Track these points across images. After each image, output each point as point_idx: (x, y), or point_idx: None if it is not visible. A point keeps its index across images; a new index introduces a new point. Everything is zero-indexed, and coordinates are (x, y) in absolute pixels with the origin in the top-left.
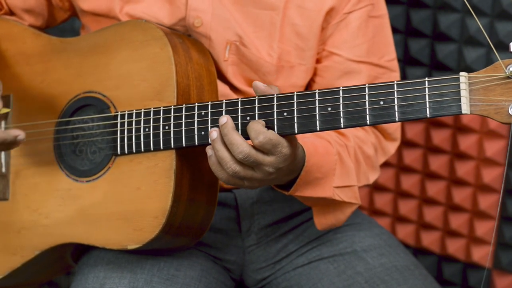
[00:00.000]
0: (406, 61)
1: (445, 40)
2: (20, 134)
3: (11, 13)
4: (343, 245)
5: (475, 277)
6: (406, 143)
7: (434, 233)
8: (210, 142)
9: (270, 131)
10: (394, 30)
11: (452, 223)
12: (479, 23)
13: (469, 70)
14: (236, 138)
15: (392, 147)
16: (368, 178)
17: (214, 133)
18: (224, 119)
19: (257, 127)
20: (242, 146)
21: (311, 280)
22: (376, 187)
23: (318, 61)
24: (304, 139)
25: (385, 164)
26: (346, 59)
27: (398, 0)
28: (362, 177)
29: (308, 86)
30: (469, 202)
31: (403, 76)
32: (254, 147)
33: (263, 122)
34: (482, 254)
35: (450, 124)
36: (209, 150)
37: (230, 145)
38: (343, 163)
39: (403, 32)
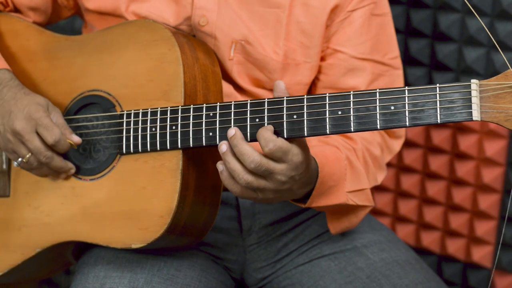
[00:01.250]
0: (406, 61)
1: (445, 40)
2: (72, 167)
3: (15, 10)
4: (343, 242)
5: (475, 277)
6: (406, 143)
7: (434, 233)
8: (219, 151)
9: (280, 138)
10: (394, 30)
11: (452, 223)
12: (482, 23)
13: (469, 70)
14: (246, 148)
15: (397, 145)
16: (377, 179)
17: (223, 146)
18: (233, 131)
19: (266, 134)
20: (253, 155)
21: (313, 278)
22: (376, 187)
23: (322, 59)
24: (314, 149)
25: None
26: (350, 57)
27: (398, 0)
28: (371, 178)
29: (313, 84)
30: (469, 202)
31: (403, 76)
32: (264, 155)
33: (272, 128)
34: (482, 254)
35: (450, 124)
36: (220, 166)
37: (241, 156)
38: (353, 167)
39: (403, 32)
